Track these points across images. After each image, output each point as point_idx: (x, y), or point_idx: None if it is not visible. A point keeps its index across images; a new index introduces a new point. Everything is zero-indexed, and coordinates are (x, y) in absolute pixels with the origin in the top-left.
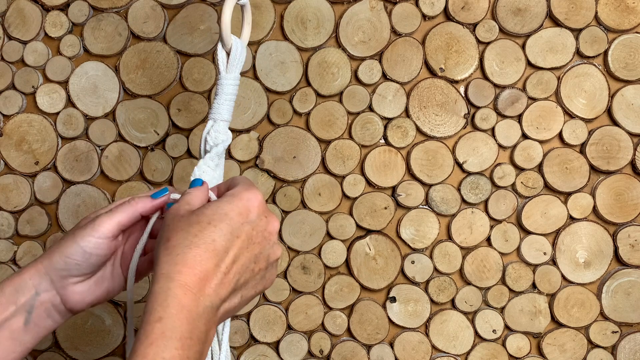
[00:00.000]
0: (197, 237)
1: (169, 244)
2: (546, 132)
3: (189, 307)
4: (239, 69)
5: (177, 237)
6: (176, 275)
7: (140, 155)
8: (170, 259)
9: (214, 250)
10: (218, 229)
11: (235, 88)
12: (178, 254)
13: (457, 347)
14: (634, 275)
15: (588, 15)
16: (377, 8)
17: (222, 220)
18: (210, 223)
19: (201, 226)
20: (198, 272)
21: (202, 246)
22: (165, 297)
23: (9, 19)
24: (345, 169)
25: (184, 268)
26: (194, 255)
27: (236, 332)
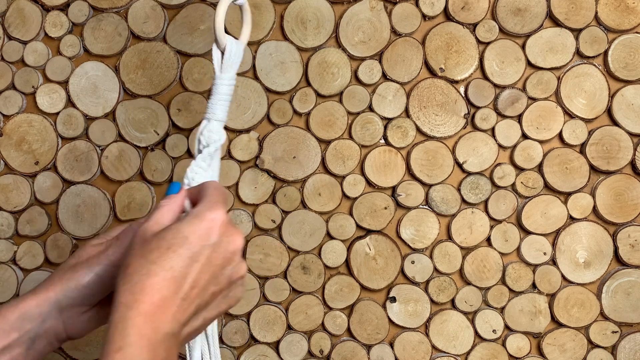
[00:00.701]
0: (155, 264)
1: (127, 271)
2: (546, 132)
3: (148, 335)
4: (234, 69)
5: (135, 264)
6: (134, 304)
7: (140, 155)
8: (129, 287)
9: (172, 277)
10: (177, 254)
11: (230, 88)
12: (136, 282)
13: (457, 347)
14: (634, 275)
15: (588, 15)
16: (377, 8)
17: (181, 245)
18: (169, 248)
19: (160, 252)
20: (156, 300)
21: (161, 274)
22: (124, 326)
23: (9, 19)
24: (345, 169)
25: (142, 297)
26: (152, 284)
27: (236, 332)
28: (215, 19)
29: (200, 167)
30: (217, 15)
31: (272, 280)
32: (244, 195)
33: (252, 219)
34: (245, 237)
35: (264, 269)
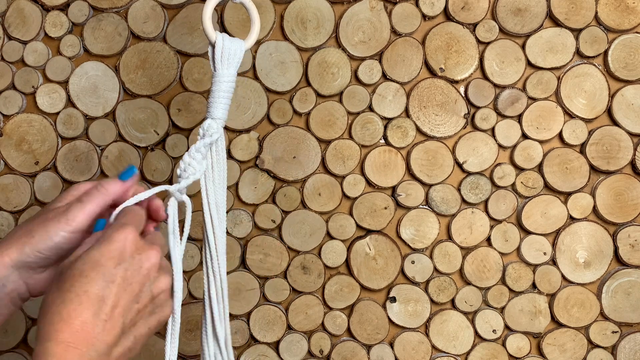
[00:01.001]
0: (69, 291)
1: (44, 304)
2: (546, 132)
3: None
4: (231, 66)
5: (52, 296)
6: (54, 334)
7: (140, 155)
8: (47, 319)
9: (88, 300)
10: (90, 278)
11: (227, 85)
12: (54, 313)
13: (457, 347)
14: (634, 275)
15: (588, 15)
16: (377, 8)
17: (93, 269)
18: (81, 274)
19: (73, 279)
20: (76, 325)
21: (76, 299)
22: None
23: (9, 19)
24: (345, 169)
25: (61, 325)
26: (69, 311)
27: (236, 332)
28: (203, 14)
29: (193, 157)
30: (205, 9)
31: (272, 280)
32: (244, 195)
33: (252, 219)
34: (245, 237)
35: (264, 269)
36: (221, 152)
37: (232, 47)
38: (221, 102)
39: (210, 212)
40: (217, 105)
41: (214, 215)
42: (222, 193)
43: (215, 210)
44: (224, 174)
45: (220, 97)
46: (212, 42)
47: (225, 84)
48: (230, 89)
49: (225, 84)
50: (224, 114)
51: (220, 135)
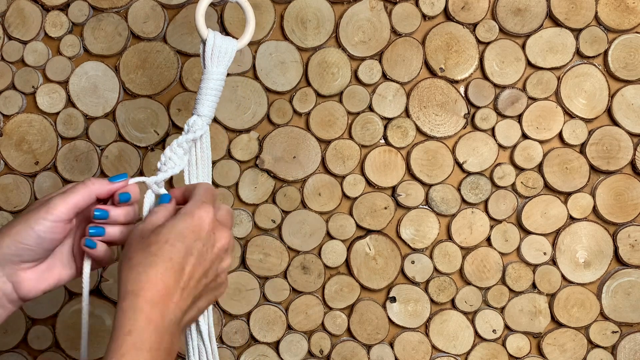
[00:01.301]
0: (156, 255)
1: (131, 262)
2: (546, 132)
3: (156, 321)
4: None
5: (138, 256)
6: (141, 292)
7: (140, 155)
8: (134, 277)
9: (172, 267)
10: (174, 247)
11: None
12: (141, 272)
13: (457, 347)
14: (634, 275)
15: (588, 15)
16: (377, 8)
17: (177, 239)
18: (167, 242)
19: (159, 245)
20: (161, 288)
21: (161, 264)
22: (134, 312)
23: (9, 19)
24: (345, 169)
25: (148, 285)
26: (156, 273)
27: (236, 332)
28: (196, 10)
29: (174, 151)
30: (198, 6)
31: (272, 280)
32: (244, 195)
33: (252, 219)
34: (245, 237)
35: (264, 269)
36: (206, 150)
37: (223, 45)
38: (208, 99)
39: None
40: (203, 103)
41: None
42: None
43: None
44: (208, 171)
45: (207, 94)
46: (203, 38)
47: (214, 82)
48: (218, 87)
49: (213, 82)
50: (210, 112)
51: (205, 132)
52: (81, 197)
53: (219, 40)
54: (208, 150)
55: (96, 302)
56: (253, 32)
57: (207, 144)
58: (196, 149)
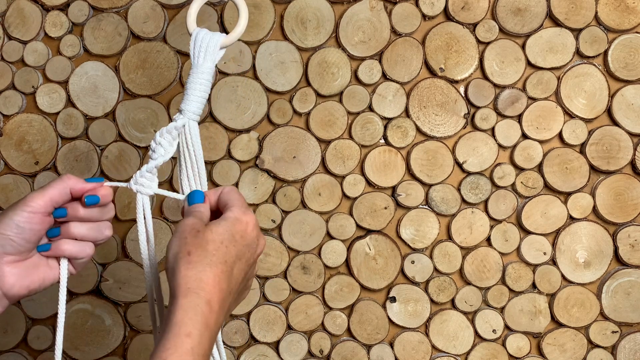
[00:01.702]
0: (214, 256)
1: (190, 258)
2: (546, 132)
3: (211, 326)
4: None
5: (197, 253)
6: (203, 293)
7: (140, 155)
8: (195, 275)
9: (227, 271)
10: (228, 250)
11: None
12: (201, 271)
13: (457, 347)
14: (634, 275)
15: (588, 15)
16: (377, 8)
17: (231, 242)
18: (222, 243)
19: (216, 245)
20: (218, 291)
21: (220, 266)
22: (195, 313)
23: (9, 19)
24: (345, 169)
25: (208, 286)
26: (215, 275)
27: (236, 332)
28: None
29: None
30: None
31: (272, 280)
32: (244, 195)
33: None
34: None
35: (264, 269)
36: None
37: (206, 39)
38: (193, 94)
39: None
40: (187, 97)
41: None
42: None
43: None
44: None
45: (192, 89)
46: (189, 33)
47: (197, 76)
48: (204, 81)
49: (197, 76)
50: (194, 107)
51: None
52: (57, 191)
53: (202, 34)
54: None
55: (96, 302)
56: (244, 28)
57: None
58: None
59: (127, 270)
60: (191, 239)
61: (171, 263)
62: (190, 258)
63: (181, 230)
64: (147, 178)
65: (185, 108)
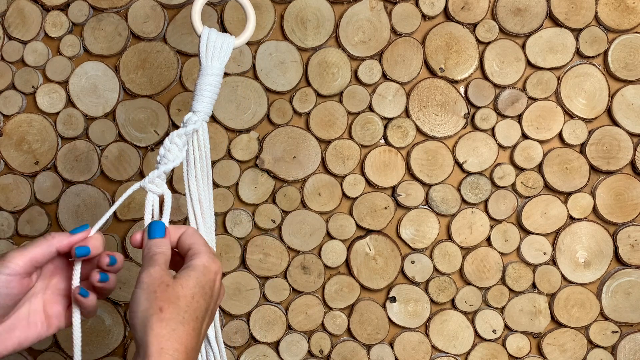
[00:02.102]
0: (187, 312)
1: (162, 315)
2: (546, 132)
3: None
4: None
5: (169, 310)
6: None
7: (140, 155)
8: (167, 334)
9: (199, 328)
10: (199, 305)
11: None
12: (173, 329)
13: (457, 347)
14: (634, 275)
15: (588, 15)
16: (377, 8)
17: (202, 296)
18: (193, 298)
19: (187, 300)
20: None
21: (191, 323)
22: None
23: (9, 19)
24: (345, 169)
25: (179, 346)
26: (187, 333)
27: (236, 332)
28: (192, 6)
29: (173, 142)
30: (195, 2)
31: (272, 280)
32: (244, 195)
33: (252, 219)
34: (245, 237)
35: (264, 269)
36: (203, 148)
37: (218, 40)
38: (204, 94)
39: (194, 209)
40: (199, 99)
41: (198, 212)
42: (205, 190)
43: (199, 207)
44: (208, 170)
45: (203, 89)
46: (198, 34)
47: (209, 77)
48: (214, 82)
49: (208, 77)
50: (205, 108)
51: (199, 126)
52: (40, 250)
53: (214, 36)
54: (207, 149)
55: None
56: (253, 30)
57: (206, 143)
58: (194, 147)
59: (127, 270)
60: (161, 293)
61: (141, 319)
62: (163, 315)
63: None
64: (156, 184)
65: (197, 109)
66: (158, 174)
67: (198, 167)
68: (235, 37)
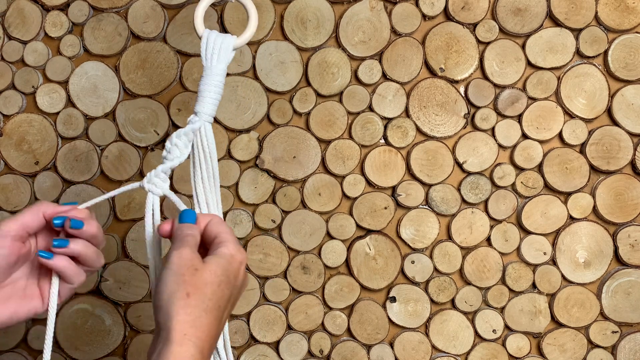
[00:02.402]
0: (211, 300)
1: (189, 301)
2: (546, 132)
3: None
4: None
5: (196, 296)
6: (197, 341)
7: (140, 155)
8: (191, 320)
9: (221, 318)
10: (224, 293)
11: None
12: (198, 317)
13: (457, 347)
14: (634, 275)
15: (588, 15)
16: (377, 8)
17: (227, 285)
18: (219, 285)
19: (213, 288)
20: (211, 339)
21: (214, 312)
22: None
23: (9, 19)
24: (345, 169)
25: (202, 334)
26: (210, 322)
27: (236, 332)
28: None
29: (179, 138)
30: (198, 4)
31: (272, 280)
32: (244, 195)
33: (252, 219)
34: (245, 237)
35: (264, 269)
36: (208, 148)
37: (218, 41)
38: (206, 96)
39: (200, 211)
40: (202, 100)
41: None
42: (212, 191)
43: (206, 209)
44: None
45: (205, 91)
46: (199, 35)
47: (211, 78)
48: (217, 83)
49: (210, 78)
50: (209, 109)
51: (201, 127)
52: (29, 216)
53: (214, 36)
54: (212, 151)
55: (96, 302)
56: (255, 29)
57: (211, 144)
58: (199, 149)
59: (127, 270)
60: (189, 277)
61: (165, 301)
62: (189, 301)
63: (178, 265)
64: (161, 178)
65: (200, 110)
66: (164, 169)
67: (204, 169)
68: (235, 37)
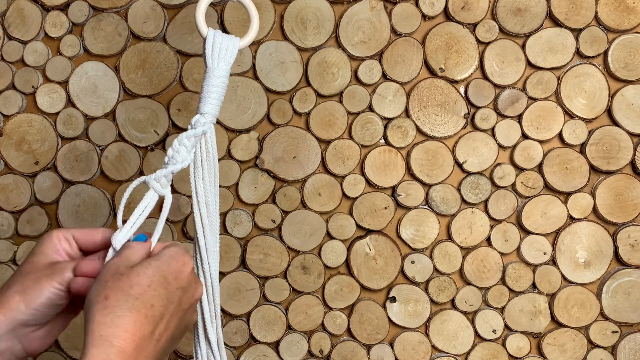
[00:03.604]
0: (138, 300)
1: (107, 302)
2: (546, 132)
3: None
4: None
5: (116, 295)
6: (115, 341)
7: (140, 155)
8: (110, 321)
9: (152, 316)
10: (157, 293)
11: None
12: (118, 316)
13: (457, 347)
14: (634, 275)
15: (588, 15)
16: (377, 8)
17: (161, 284)
18: (150, 286)
19: (141, 288)
20: (137, 339)
21: (142, 311)
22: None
23: (9, 19)
24: (345, 169)
25: (124, 333)
26: (135, 321)
27: (236, 332)
28: (196, 8)
29: (182, 144)
30: (198, 4)
31: (272, 280)
32: (244, 195)
33: (252, 219)
34: (245, 237)
35: (264, 269)
36: (211, 149)
37: (224, 42)
38: (210, 96)
39: (200, 211)
40: (206, 100)
41: (204, 214)
42: (212, 192)
43: (206, 209)
44: (215, 172)
45: (209, 91)
46: (202, 36)
47: (215, 79)
48: (221, 84)
49: (214, 79)
50: (213, 109)
51: (208, 129)
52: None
53: (219, 38)
54: (214, 151)
55: None
56: (257, 30)
57: (213, 145)
58: (201, 149)
59: None
60: (112, 282)
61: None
62: (106, 303)
63: (103, 274)
64: (162, 184)
65: (205, 111)
66: (165, 174)
67: (205, 169)
68: (239, 38)
